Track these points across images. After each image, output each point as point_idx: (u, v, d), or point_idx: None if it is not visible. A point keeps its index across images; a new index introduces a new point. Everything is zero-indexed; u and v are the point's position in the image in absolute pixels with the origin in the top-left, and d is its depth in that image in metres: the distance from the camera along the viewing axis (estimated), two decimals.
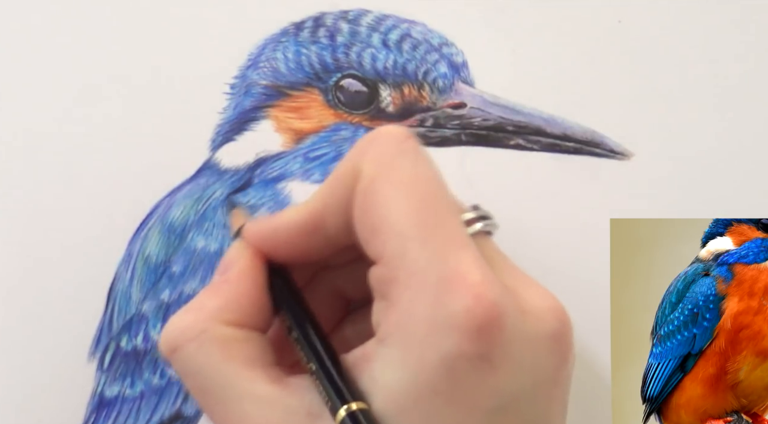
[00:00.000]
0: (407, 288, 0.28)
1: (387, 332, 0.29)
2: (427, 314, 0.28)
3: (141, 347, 0.38)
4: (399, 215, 0.29)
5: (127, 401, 0.38)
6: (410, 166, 0.30)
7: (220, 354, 0.30)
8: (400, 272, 0.29)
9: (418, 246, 0.28)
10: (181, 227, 0.39)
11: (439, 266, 0.28)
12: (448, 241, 0.29)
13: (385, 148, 0.30)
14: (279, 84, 0.40)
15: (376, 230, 0.29)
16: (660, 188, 0.40)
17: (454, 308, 0.27)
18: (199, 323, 0.31)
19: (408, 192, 0.29)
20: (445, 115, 0.39)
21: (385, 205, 0.29)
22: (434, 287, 0.28)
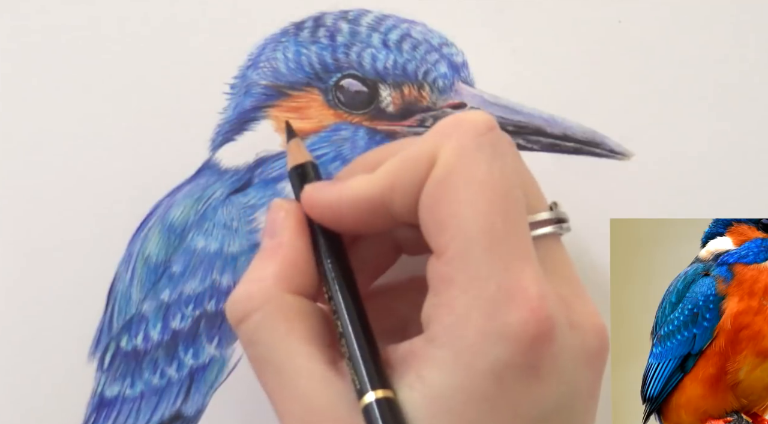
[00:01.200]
0: (465, 292, 0.28)
1: (438, 333, 0.29)
2: (482, 322, 0.28)
3: (141, 347, 0.38)
4: (469, 215, 0.29)
5: (127, 401, 0.38)
6: (488, 163, 0.30)
7: (283, 326, 0.30)
8: (461, 274, 0.29)
9: (482, 252, 0.28)
10: (181, 227, 0.39)
11: (501, 275, 0.28)
12: (513, 250, 0.29)
13: (465, 139, 0.30)
14: (279, 84, 0.40)
15: (443, 225, 0.29)
16: (660, 188, 0.40)
17: (509, 320, 0.28)
18: (263, 292, 0.31)
19: (482, 192, 0.29)
20: (445, 115, 0.39)
21: (456, 202, 0.29)
22: (492, 295, 0.28)
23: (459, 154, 0.30)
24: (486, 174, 0.29)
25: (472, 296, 0.28)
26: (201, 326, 0.38)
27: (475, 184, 0.29)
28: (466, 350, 0.28)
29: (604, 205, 0.40)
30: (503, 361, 0.28)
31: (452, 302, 0.29)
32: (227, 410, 0.38)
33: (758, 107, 0.41)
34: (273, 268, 0.31)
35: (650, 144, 0.40)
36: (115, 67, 0.40)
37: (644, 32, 0.41)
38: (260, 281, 0.31)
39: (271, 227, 0.33)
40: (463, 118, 0.31)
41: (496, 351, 0.28)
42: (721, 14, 0.41)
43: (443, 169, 0.30)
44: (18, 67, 0.41)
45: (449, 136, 0.30)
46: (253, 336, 0.31)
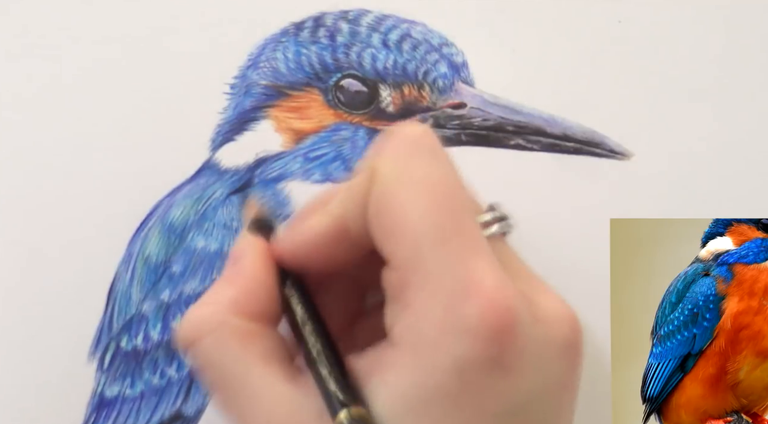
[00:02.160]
0: (421, 292, 0.28)
1: (399, 335, 0.29)
2: (440, 318, 0.28)
3: (141, 347, 0.38)
4: (414, 218, 0.29)
5: (127, 401, 0.38)
6: (426, 166, 0.30)
7: (237, 348, 0.30)
8: (415, 275, 0.28)
9: (433, 250, 0.28)
10: (181, 227, 0.39)
11: (454, 270, 0.28)
12: (464, 245, 0.28)
13: (400, 147, 0.30)
14: (279, 84, 0.40)
15: (390, 233, 0.29)
16: (660, 188, 0.40)
17: (467, 313, 0.27)
18: (216, 316, 0.31)
19: (423, 193, 0.29)
20: (445, 115, 0.39)
21: (400, 207, 0.29)
22: (448, 291, 0.28)
23: (395, 162, 0.30)
24: (425, 175, 0.29)
25: (428, 295, 0.28)
26: None
27: (416, 187, 0.29)
28: (425, 347, 0.28)
29: (604, 205, 0.40)
30: (464, 356, 0.27)
31: (409, 303, 0.28)
32: None
33: (758, 107, 0.41)
34: (229, 293, 0.31)
35: (650, 144, 0.40)
36: (115, 67, 0.40)
37: (644, 32, 0.41)
38: (214, 304, 0.31)
39: (233, 257, 0.33)
40: (395, 130, 0.31)
41: (456, 346, 0.27)
42: (721, 14, 0.41)
43: (382, 180, 0.29)
44: (18, 67, 0.41)
45: (383, 149, 0.30)
46: (206, 359, 0.31)
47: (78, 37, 0.41)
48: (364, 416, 0.28)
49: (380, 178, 0.30)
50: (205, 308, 0.31)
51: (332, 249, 0.32)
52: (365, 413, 0.28)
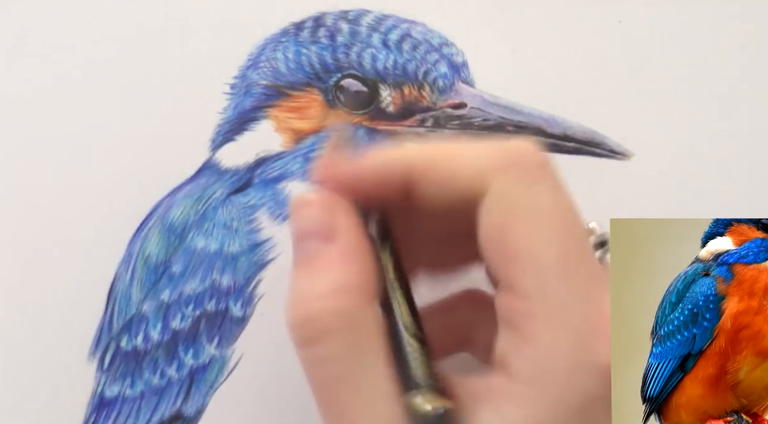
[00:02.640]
0: (548, 325, 0.28)
1: (521, 369, 0.28)
2: (571, 354, 0.28)
3: (141, 347, 0.38)
4: (540, 247, 0.28)
5: (127, 401, 0.38)
6: (551, 195, 0.29)
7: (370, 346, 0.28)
8: (541, 306, 0.28)
9: (559, 282, 0.28)
10: (181, 227, 0.39)
11: (582, 304, 0.28)
12: (589, 277, 0.28)
13: (525, 171, 0.29)
14: (279, 84, 0.40)
15: (513, 258, 0.28)
16: (660, 188, 0.40)
17: (597, 350, 0.27)
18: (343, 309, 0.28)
19: (549, 223, 0.29)
20: (445, 115, 0.39)
21: (524, 234, 0.28)
22: (578, 326, 0.28)
23: (520, 187, 0.29)
24: (550, 205, 0.29)
25: (555, 329, 0.28)
26: (201, 326, 0.38)
27: (542, 216, 0.29)
28: (555, 384, 0.27)
29: (604, 206, 0.39)
30: (592, 393, 0.27)
31: (535, 336, 0.28)
32: (227, 410, 0.38)
33: (758, 107, 0.41)
34: (349, 279, 0.28)
35: (650, 144, 0.40)
36: (115, 67, 0.40)
37: (644, 32, 0.41)
38: (338, 295, 0.28)
39: (321, 229, 0.29)
40: (519, 150, 0.30)
41: (587, 383, 0.27)
42: (721, 14, 0.41)
43: (505, 200, 0.29)
44: (18, 67, 0.41)
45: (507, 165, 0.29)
46: (333, 357, 0.28)
47: (78, 37, 0.41)
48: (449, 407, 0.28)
49: (503, 198, 0.29)
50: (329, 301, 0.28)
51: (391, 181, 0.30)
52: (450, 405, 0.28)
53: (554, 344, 0.28)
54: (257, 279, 0.39)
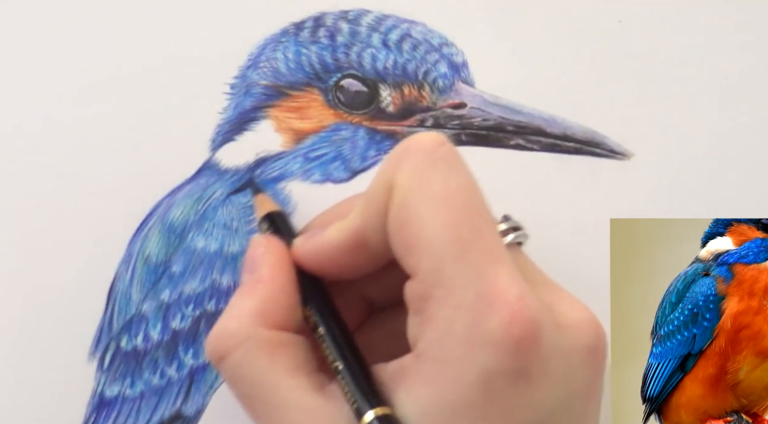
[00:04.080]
0: (444, 305, 0.28)
1: (424, 348, 0.29)
2: (464, 331, 0.28)
3: (141, 347, 0.38)
4: (434, 231, 0.29)
5: (127, 401, 0.38)
6: (443, 177, 0.29)
7: (266, 360, 0.30)
8: (437, 289, 0.29)
9: (453, 262, 0.28)
10: (181, 227, 0.39)
11: (476, 282, 0.28)
12: (485, 256, 0.28)
13: (417, 158, 0.30)
14: (279, 84, 0.40)
15: (411, 246, 0.29)
16: (660, 188, 0.40)
17: (491, 325, 0.27)
18: (243, 329, 0.31)
19: (442, 206, 0.29)
20: (445, 115, 0.39)
21: (419, 221, 0.29)
22: (471, 303, 0.28)
23: (413, 175, 0.30)
24: (443, 188, 0.29)
25: (451, 308, 0.28)
26: (201, 326, 0.38)
27: (434, 200, 0.29)
28: (451, 361, 0.28)
29: (604, 205, 0.40)
30: (490, 368, 0.27)
31: (433, 316, 0.29)
32: (227, 410, 0.38)
33: (758, 107, 0.41)
34: (251, 304, 0.31)
35: (650, 144, 0.40)
36: (115, 67, 0.40)
37: (644, 32, 0.41)
38: (239, 317, 0.31)
39: (251, 263, 0.33)
40: (413, 140, 0.31)
41: (481, 359, 0.27)
42: (722, 14, 0.41)
43: (401, 193, 0.30)
44: (18, 67, 0.41)
45: (401, 159, 0.30)
46: (236, 373, 0.31)
47: (77, 37, 0.41)
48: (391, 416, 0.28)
49: (399, 191, 0.30)
50: (231, 322, 0.31)
51: (351, 259, 0.32)
52: (391, 413, 0.28)
53: (449, 323, 0.28)
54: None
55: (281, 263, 0.33)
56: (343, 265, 0.32)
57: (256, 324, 0.31)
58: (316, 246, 0.33)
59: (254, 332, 0.31)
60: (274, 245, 0.33)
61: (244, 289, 0.33)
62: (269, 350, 0.31)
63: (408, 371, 0.29)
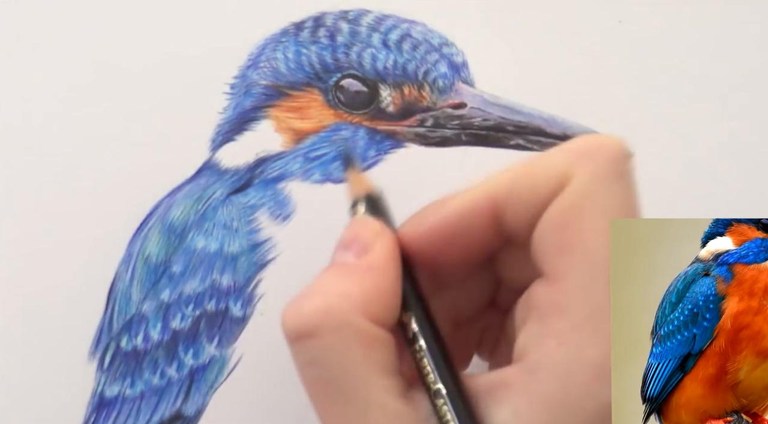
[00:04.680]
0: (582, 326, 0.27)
1: (542, 365, 0.27)
2: (598, 361, 0.27)
3: (141, 347, 0.38)
4: (597, 246, 0.28)
5: (127, 401, 0.38)
6: (625, 193, 0.28)
7: (360, 353, 0.28)
8: (578, 305, 0.27)
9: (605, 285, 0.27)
10: (181, 227, 0.39)
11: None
12: None
13: (605, 165, 0.28)
14: (279, 84, 0.40)
15: (566, 250, 0.28)
16: (660, 188, 0.40)
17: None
18: (344, 313, 0.28)
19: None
20: (445, 115, 0.39)
21: (588, 229, 0.28)
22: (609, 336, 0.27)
23: (596, 180, 0.28)
24: (621, 206, 0.28)
25: (589, 332, 0.27)
26: (201, 326, 0.38)
27: (611, 214, 0.28)
28: (576, 387, 0.27)
29: None
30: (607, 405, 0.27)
31: (564, 334, 0.27)
32: (227, 410, 0.38)
33: (758, 107, 0.41)
34: (358, 289, 0.28)
35: (650, 144, 0.40)
36: (114, 67, 0.40)
37: (644, 32, 0.41)
38: (342, 299, 0.28)
39: (359, 244, 0.30)
40: (604, 142, 0.29)
41: (606, 394, 0.27)
42: (722, 14, 0.41)
43: (578, 192, 0.28)
44: (18, 67, 0.41)
45: (588, 158, 0.28)
46: (322, 357, 0.28)
47: (77, 37, 0.41)
48: None
49: (575, 189, 0.28)
50: (331, 300, 0.28)
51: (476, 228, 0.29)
52: None
53: (584, 347, 0.27)
54: (257, 279, 0.39)
55: (394, 252, 0.29)
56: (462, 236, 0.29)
57: (359, 312, 0.28)
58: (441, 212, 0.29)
59: (355, 320, 0.28)
60: (388, 233, 0.30)
61: (349, 270, 0.29)
62: (366, 343, 0.28)
63: (515, 386, 0.27)
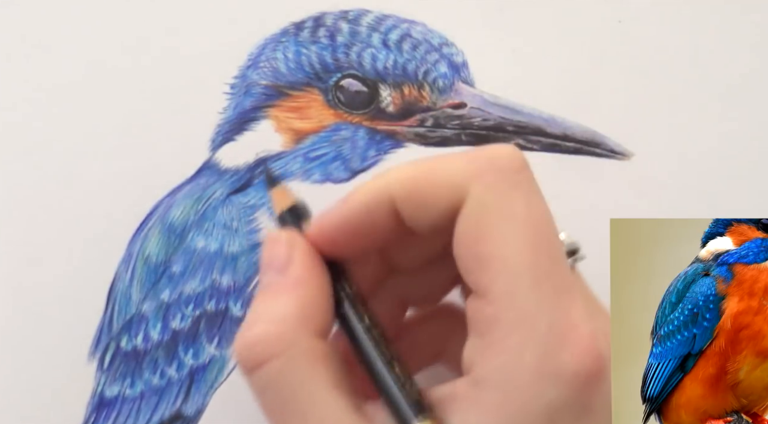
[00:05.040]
0: (514, 332, 0.28)
1: (486, 375, 0.28)
2: (534, 362, 0.27)
3: (141, 347, 0.38)
4: (513, 253, 0.28)
5: (127, 401, 0.38)
6: (526, 200, 0.29)
7: (308, 373, 0.28)
8: (508, 313, 0.28)
9: (530, 289, 0.28)
10: (181, 227, 0.39)
11: (550, 312, 0.28)
12: (559, 286, 0.28)
13: (502, 175, 0.29)
14: (279, 84, 0.40)
15: (485, 264, 0.28)
16: (660, 188, 0.40)
17: (564, 359, 0.27)
18: (286, 336, 0.29)
19: (523, 230, 0.28)
20: (445, 115, 0.39)
21: (498, 240, 0.28)
22: (544, 334, 0.27)
23: (496, 192, 0.29)
24: (525, 212, 0.29)
25: (522, 337, 0.27)
26: (201, 326, 0.38)
27: (516, 222, 0.28)
28: (518, 392, 0.27)
29: (604, 206, 0.40)
30: (557, 402, 0.27)
31: (500, 342, 0.28)
32: (227, 410, 0.38)
33: (758, 107, 0.41)
34: (292, 308, 0.29)
35: (650, 144, 0.40)
36: (115, 67, 0.40)
37: (644, 32, 0.41)
38: (280, 322, 0.29)
39: (278, 260, 0.30)
40: (497, 153, 0.30)
41: (550, 393, 0.27)
42: (721, 14, 0.41)
43: (477, 206, 0.29)
44: (18, 67, 0.41)
45: (484, 171, 0.29)
46: (273, 383, 0.28)
47: (77, 37, 0.41)
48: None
49: (475, 203, 0.29)
50: (271, 327, 0.29)
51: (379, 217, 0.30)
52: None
53: (519, 351, 0.28)
54: (257, 279, 0.39)
55: (314, 261, 0.30)
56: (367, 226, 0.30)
57: (299, 330, 0.29)
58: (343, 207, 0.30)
59: (297, 340, 0.28)
60: (300, 240, 0.31)
61: (276, 289, 0.30)
62: (311, 360, 0.28)
63: (463, 396, 0.28)
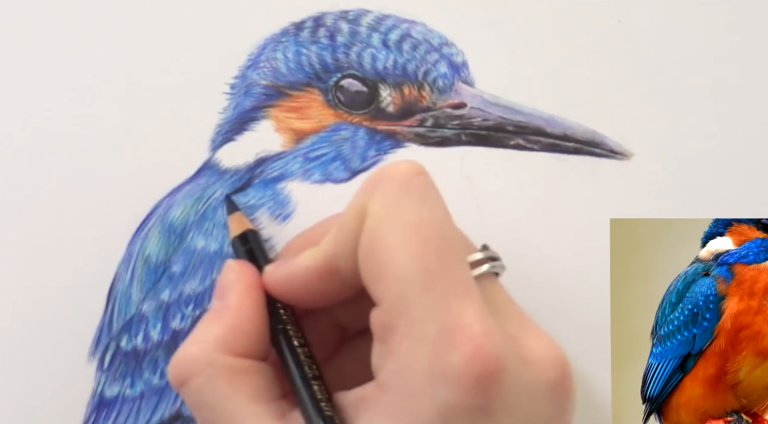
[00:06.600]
0: (407, 337, 0.28)
1: (385, 379, 0.29)
2: (426, 365, 0.28)
3: (141, 347, 0.38)
4: (401, 260, 0.29)
5: (127, 401, 0.38)
6: (416, 207, 0.29)
7: (227, 388, 0.31)
8: (401, 319, 0.28)
9: (419, 293, 0.28)
10: (181, 227, 0.39)
11: (440, 315, 0.28)
12: (451, 289, 0.28)
13: (391, 187, 0.30)
14: (279, 84, 0.40)
15: (378, 274, 0.29)
16: (660, 188, 0.40)
17: (452, 360, 0.27)
18: (205, 355, 0.31)
19: (412, 236, 0.29)
20: (445, 115, 0.39)
21: (388, 250, 0.29)
22: (434, 337, 0.28)
23: (386, 203, 0.30)
24: (415, 218, 0.29)
25: (413, 340, 0.28)
26: None
27: (405, 230, 0.29)
28: (412, 394, 0.28)
29: (604, 205, 0.40)
30: (450, 404, 0.27)
31: (396, 347, 0.29)
32: None
33: (758, 107, 0.41)
34: (216, 331, 0.32)
35: (650, 144, 0.40)
36: (115, 66, 0.40)
37: (644, 32, 0.41)
38: (201, 343, 0.31)
39: (221, 289, 0.33)
40: (389, 167, 0.31)
41: (442, 394, 0.27)
42: (721, 14, 0.41)
43: (372, 221, 0.30)
44: (18, 66, 0.41)
45: (375, 188, 0.30)
46: (197, 399, 0.31)
47: (77, 37, 0.41)
48: None
49: (371, 219, 0.30)
50: (194, 347, 0.31)
51: (322, 286, 0.32)
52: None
53: (411, 355, 0.28)
54: None
55: (250, 289, 0.33)
56: (314, 292, 0.32)
57: (218, 351, 0.31)
58: (287, 274, 0.33)
59: (215, 359, 0.31)
60: (245, 270, 0.34)
61: (210, 315, 0.33)
62: (230, 377, 0.31)
63: (369, 400, 0.29)
